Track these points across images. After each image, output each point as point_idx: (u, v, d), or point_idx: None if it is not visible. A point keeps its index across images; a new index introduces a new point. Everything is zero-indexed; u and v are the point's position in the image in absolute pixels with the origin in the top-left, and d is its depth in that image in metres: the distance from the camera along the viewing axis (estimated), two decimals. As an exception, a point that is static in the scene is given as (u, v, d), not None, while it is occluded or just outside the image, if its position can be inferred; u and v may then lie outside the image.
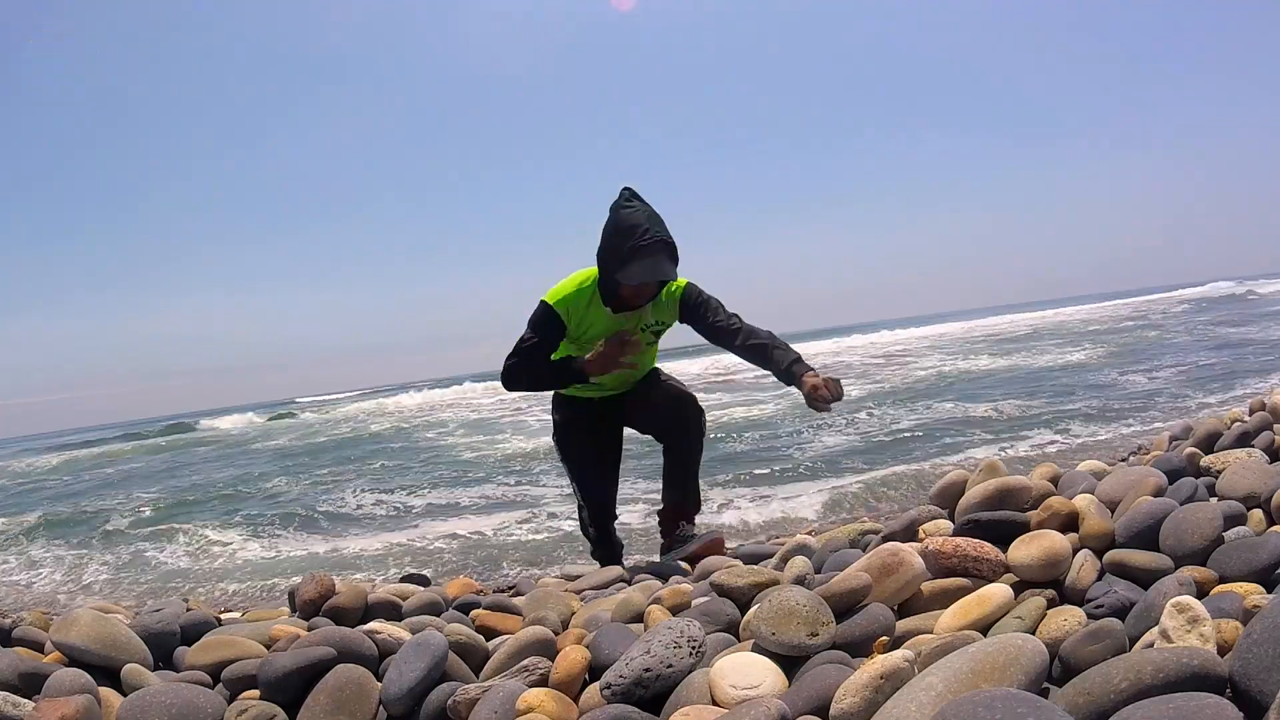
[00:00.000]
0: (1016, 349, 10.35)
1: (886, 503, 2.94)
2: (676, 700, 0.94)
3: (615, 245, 2.08)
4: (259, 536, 3.60)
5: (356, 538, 3.43)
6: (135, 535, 4.01)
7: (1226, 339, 8.09)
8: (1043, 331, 13.77)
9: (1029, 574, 1.15)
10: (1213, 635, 0.84)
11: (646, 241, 2.06)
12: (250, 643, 1.27)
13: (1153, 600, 0.97)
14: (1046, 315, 22.41)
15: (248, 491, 5.33)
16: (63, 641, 1.22)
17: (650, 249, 2.06)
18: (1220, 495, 1.37)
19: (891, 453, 3.98)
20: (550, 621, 1.33)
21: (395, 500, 4.26)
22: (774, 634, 0.98)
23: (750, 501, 3.24)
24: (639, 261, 2.07)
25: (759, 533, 2.76)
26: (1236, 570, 1.06)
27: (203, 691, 1.11)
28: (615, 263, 2.08)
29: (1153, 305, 19.17)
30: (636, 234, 2.07)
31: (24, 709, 1.05)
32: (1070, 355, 8.35)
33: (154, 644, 1.33)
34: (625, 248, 2.07)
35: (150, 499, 5.53)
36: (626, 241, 2.07)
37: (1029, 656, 0.81)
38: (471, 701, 1.03)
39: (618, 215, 2.13)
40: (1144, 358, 7.09)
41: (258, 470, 6.75)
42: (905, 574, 1.15)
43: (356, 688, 1.09)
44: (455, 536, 3.19)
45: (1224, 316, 11.82)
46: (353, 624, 1.41)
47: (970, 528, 1.29)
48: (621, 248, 2.07)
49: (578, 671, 1.07)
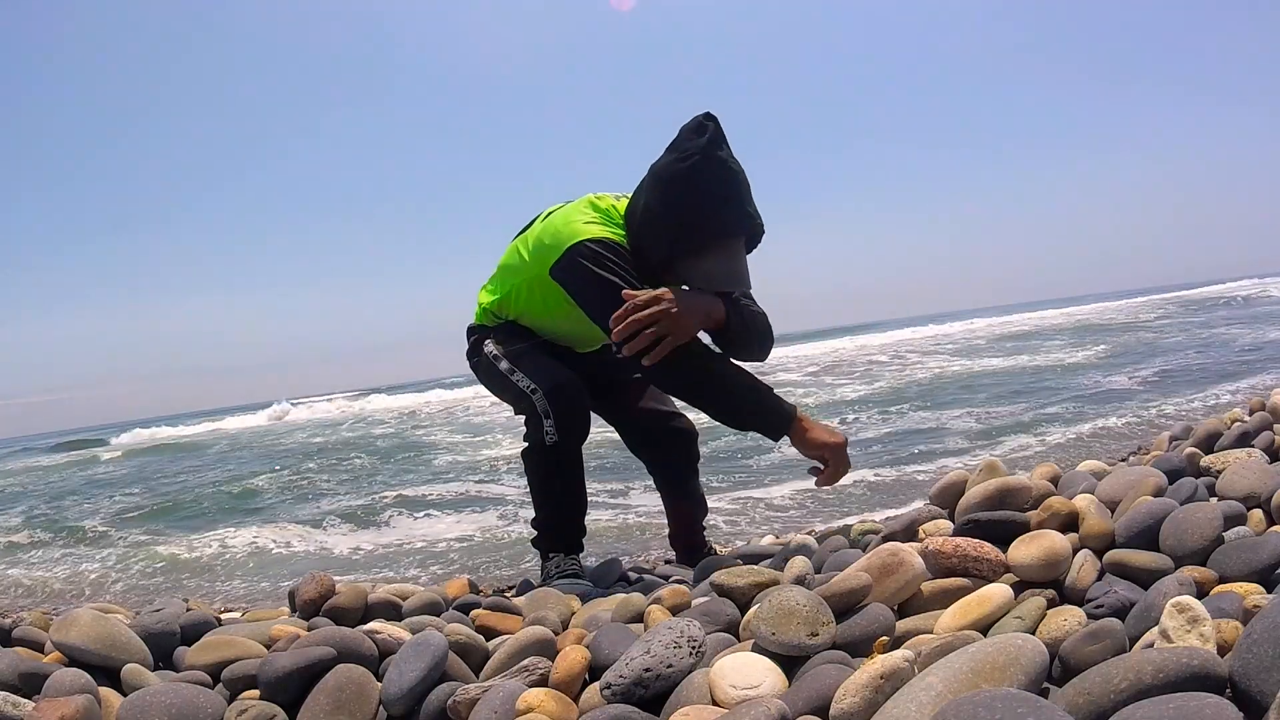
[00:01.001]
0: (1015, 349, 10.36)
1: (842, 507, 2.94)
2: (676, 700, 0.94)
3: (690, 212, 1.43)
4: (258, 536, 3.60)
5: (356, 538, 3.43)
6: (133, 535, 4.01)
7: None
8: (1057, 330, 13.74)
9: (1029, 574, 1.15)
10: (1213, 635, 0.84)
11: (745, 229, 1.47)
12: (250, 643, 1.27)
13: (1153, 600, 0.97)
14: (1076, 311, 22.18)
15: (248, 491, 5.33)
16: (63, 641, 1.22)
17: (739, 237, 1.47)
18: (1220, 495, 1.37)
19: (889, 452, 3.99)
20: (550, 621, 1.33)
21: (396, 500, 4.26)
22: (774, 634, 0.98)
23: (749, 501, 3.24)
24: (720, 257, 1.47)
25: (759, 531, 2.76)
26: (1236, 570, 1.06)
27: (203, 691, 1.11)
28: (677, 237, 1.46)
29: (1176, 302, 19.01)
30: (731, 209, 1.44)
31: (24, 709, 1.05)
32: (1071, 356, 8.36)
33: (154, 644, 1.33)
34: (708, 226, 1.45)
35: (141, 500, 5.53)
36: (715, 216, 1.44)
37: (1029, 656, 0.81)
38: (471, 701, 1.03)
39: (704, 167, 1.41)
40: (1141, 358, 7.10)
41: (253, 470, 6.75)
42: (905, 574, 1.15)
43: (356, 688, 1.09)
44: (455, 537, 3.19)
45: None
46: (353, 624, 1.41)
47: (970, 528, 1.29)
48: (701, 224, 1.45)
49: (578, 671, 1.07)
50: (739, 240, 1.53)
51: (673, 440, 2.00)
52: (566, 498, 1.81)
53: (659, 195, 1.47)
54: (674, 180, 1.45)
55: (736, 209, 1.48)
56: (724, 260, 1.51)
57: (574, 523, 1.84)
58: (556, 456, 1.73)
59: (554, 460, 1.75)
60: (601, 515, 3.20)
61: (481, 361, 1.82)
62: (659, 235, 1.48)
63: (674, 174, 1.45)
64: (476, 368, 1.86)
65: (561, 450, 1.72)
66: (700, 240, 1.47)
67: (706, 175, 1.44)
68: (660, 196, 1.47)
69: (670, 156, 1.49)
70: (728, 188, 1.46)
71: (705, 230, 1.47)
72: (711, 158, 1.43)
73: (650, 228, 1.48)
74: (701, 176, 1.44)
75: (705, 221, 1.46)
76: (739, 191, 1.48)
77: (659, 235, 1.48)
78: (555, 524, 1.84)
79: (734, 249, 1.53)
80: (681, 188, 1.44)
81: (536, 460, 1.78)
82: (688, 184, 1.44)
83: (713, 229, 1.48)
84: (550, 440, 1.69)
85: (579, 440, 1.73)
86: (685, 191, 1.44)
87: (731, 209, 1.47)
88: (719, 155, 1.44)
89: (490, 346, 1.80)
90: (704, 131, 1.45)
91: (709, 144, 1.44)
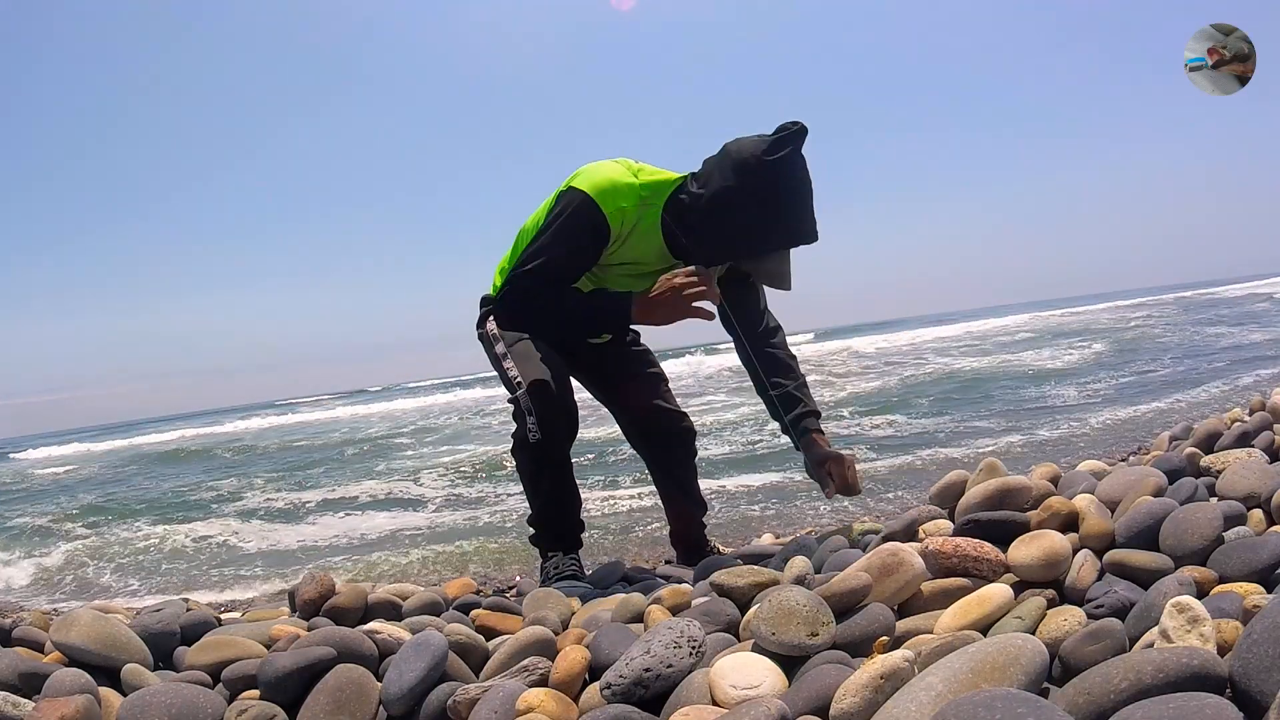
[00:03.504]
0: (1015, 350, 10.36)
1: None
2: (676, 700, 0.94)
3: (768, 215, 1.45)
4: (259, 537, 3.60)
5: (357, 536, 3.43)
6: (131, 535, 4.01)
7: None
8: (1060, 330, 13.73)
9: (1029, 574, 1.15)
10: (1213, 635, 0.84)
11: (807, 233, 1.50)
12: (250, 643, 1.27)
13: (1153, 600, 0.97)
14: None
15: (248, 491, 5.33)
16: (63, 641, 1.22)
17: (799, 244, 1.52)
18: (1220, 495, 1.37)
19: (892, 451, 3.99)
20: (550, 622, 1.33)
21: (396, 501, 4.26)
22: (774, 634, 0.98)
23: (750, 501, 3.24)
24: (782, 258, 1.53)
25: (757, 530, 2.76)
26: (1236, 570, 1.06)
27: (203, 691, 1.11)
28: (748, 235, 1.47)
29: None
30: (803, 214, 1.48)
31: (24, 709, 1.05)
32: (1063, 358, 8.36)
33: (154, 644, 1.33)
34: (783, 230, 1.49)
35: (140, 498, 5.53)
36: (789, 220, 1.48)
37: (1029, 656, 0.81)
38: (471, 701, 1.03)
39: (790, 176, 1.46)
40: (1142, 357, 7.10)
41: (254, 470, 6.75)
42: (905, 574, 1.15)
43: (356, 688, 1.09)
44: (455, 537, 3.19)
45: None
46: (353, 624, 1.41)
47: (970, 528, 1.29)
48: (775, 227, 1.48)
49: (578, 671, 1.07)
50: (788, 248, 1.57)
51: (674, 438, 2.00)
52: (557, 495, 1.80)
53: (749, 182, 1.47)
54: (767, 173, 1.46)
55: (810, 217, 1.53)
56: (784, 260, 1.55)
57: (568, 521, 1.84)
58: (541, 454, 1.72)
59: (538, 457, 1.74)
60: (602, 515, 3.20)
61: (485, 335, 1.83)
62: (741, 222, 1.48)
63: (766, 166, 1.46)
64: (481, 339, 1.87)
65: (545, 448, 1.71)
66: (775, 240, 1.50)
67: (795, 178, 1.47)
68: (750, 184, 1.47)
69: (758, 146, 1.48)
70: (806, 192, 1.50)
71: (781, 232, 1.49)
72: (800, 159, 1.47)
73: (733, 212, 1.47)
74: (791, 178, 1.47)
75: (788, 224, 1.49)
76: (811, 198, 1.52)
77: (741, 222, 1.48)
78: (549, 521, 1.83)
79: (788, 251, 1.56)
80: (773, 185, 1.45)
81: (523, 456, 1.78)
82: (780, 183, 1.46)
83: (788, 232, 1.51)
84: (534, 438, 1.68)
85: (563, 440, 1.72)
86: (774, 187, 1.46)
87: (808, 212, 1.52)
88: (803, 159, 1.48)
89: (492, 325, 1.79)
90: (797, 136, 1.48)
91: (798, 149, 1.47)
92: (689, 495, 2.07)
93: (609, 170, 1.61)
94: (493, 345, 1.77)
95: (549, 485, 1.79)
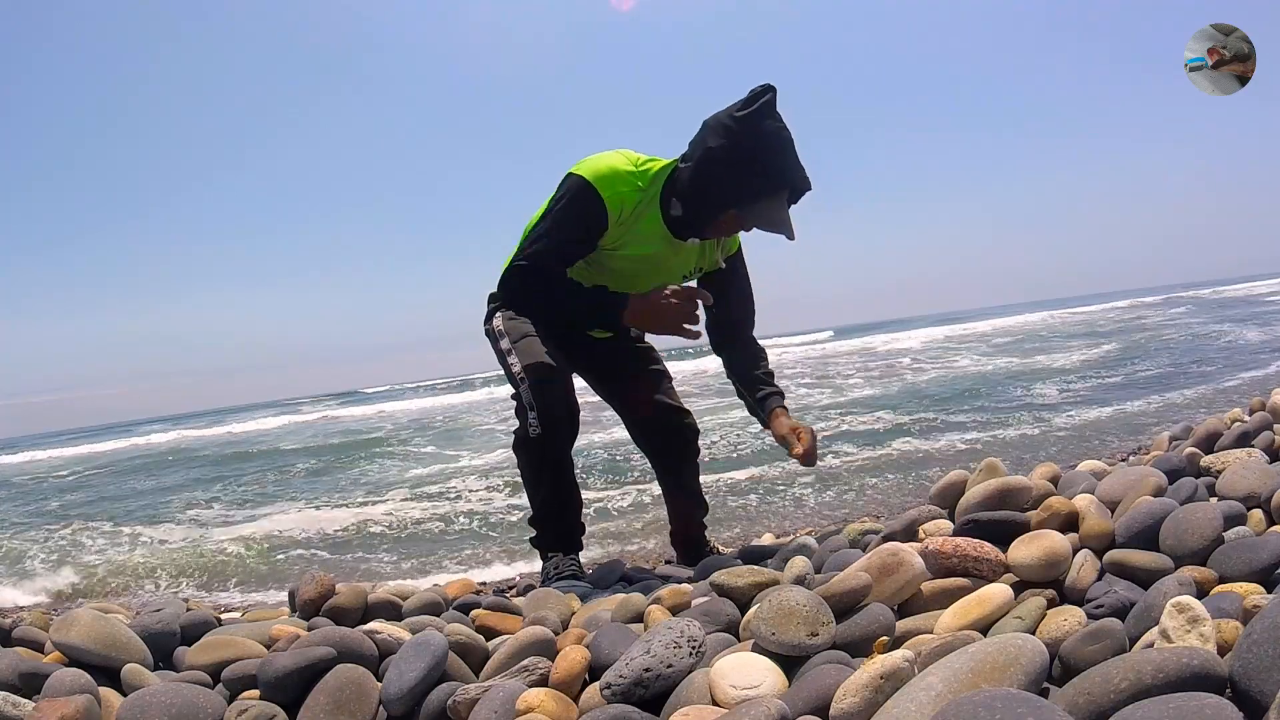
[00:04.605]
0: (1011, 350, 10.36)
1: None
2: (676, 700, 0.94)
3: (747, 163, 1.56)
4: (259, 536, 3.60)
5: (357, 536, 3.43)
6: (131, 535, 4.01)
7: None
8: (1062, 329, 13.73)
9: (1029, 574, 1.15)
10: (1213, 635, 0.84)
11: (794, 179, 1.58)
12: (250, 643, 1.27)
13: (1153, 600, 0.97)
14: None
15: (248, 491, 5.33)
16: (63, 641, 1.22)
17: (786, 188, 1.59)
18: (1220, 495, 1.37)
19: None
20: (550, 621, 1.33)
21: (396, 500, 4.26)
22: (774, 634, 0.98)
23: (749, 500, 3.24)
24: (773, 200, 1.58)
25: (759, 531, 2.76)
26: (1236, 570, 1.06)
27: (203, 691, 1.11)
28: (735, 184, 1.57)
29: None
30: (784, 160, 1.58)
31: (24, 709, 1.05)
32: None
33: (154, 644, 1.33)
34: (763, 173, 1.57)
35: (140, 498, 5.53)
36: (770, 165, 1.57)
37: (1029, 656, 0.81)
38: (471, 701, 1.03)
39: (762, 125, 1.56)
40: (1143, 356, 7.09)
41: (255, 470, 6.75)
42: (905, 574, 1.15)
43: (356, 688, 1.09)
44: (454, 537, 3.19)
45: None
46: (353, 624, 1.41)
47: (970, 528, 1.29)
48: (756, 171, 1.57)
49: (578, 671, 1.07)
50: (785, 191, 1.63)
51: (675, 434, 2.01)
52: (557, 495, 1.80)
53: (719, 136, 1.57)
54: (726, 127, 1.57)
55: (794, 160, 1.60)
56: (778, 208, 1.61)
57: (568, 521, 1.83)
58: (541, 450, 1.73)
59: (538, 454, 1.74)
60: (601, 515, 3.20)
61: (490, 331, 1.84)
62: (724, 174, 1.58)
63: (738, 120, 1.57)
64: (487, 335, 1.88)
65: (545, 445, 1.71)
66: (760, 186, 1.58)
67: (768, 126, 1.57)
68: (719, 137, 1.58)
69: (731, 108, 1.60)
70: (783, 141, 1.59)
71: (765, 176, 1.58)
72: (773, 112, 1.57)
73: (715, 167, 1.57)
74: (764, 126, 1.56)
75: (768, 168, 1.58)
76: (793, 147, 1.60)
77: (724, 174, 1.58)
78: (549, 520, 1.83)
79: (782, 198, 1.62)
80: (749, 135, 1.56)
81: (523, 452, 1.79)
82: (754, 132, 1.56)
83: (773, 176, 1.59)
84: (534, 433, 1.69)
85: (565, 438, 1.73)
86: (750, 136, 1.56)
87: (790, 159, 1.60)
88: (777, 113, 1.58)
89: (498, 321, 1.80)
90: (766, 92, 1.58)
91: (758, 110, 1.57)
92: (689, 493, 2.07)
93: (609, 158, 1.68)
94: (498, 340, 1.79)
95: (549, 485, 1.80)
